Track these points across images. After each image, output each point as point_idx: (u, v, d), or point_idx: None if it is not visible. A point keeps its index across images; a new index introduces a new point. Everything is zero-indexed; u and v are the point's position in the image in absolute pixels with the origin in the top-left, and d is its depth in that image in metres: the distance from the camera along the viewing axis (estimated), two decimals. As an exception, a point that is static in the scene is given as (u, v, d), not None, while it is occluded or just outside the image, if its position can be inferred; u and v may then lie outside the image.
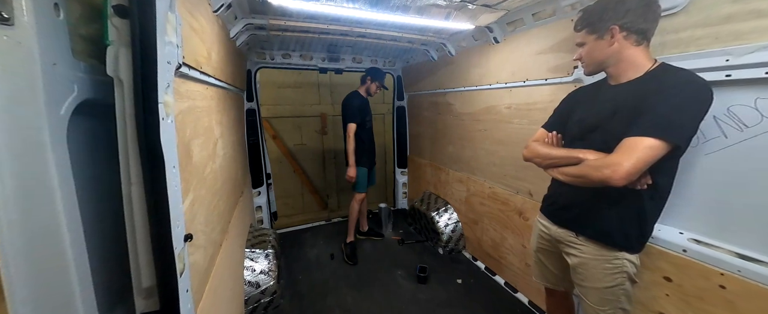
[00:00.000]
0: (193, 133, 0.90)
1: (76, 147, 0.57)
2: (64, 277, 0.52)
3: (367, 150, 2.39)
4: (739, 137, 0.90)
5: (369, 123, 2.37)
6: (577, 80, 1.32)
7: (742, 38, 0.85)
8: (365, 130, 2.35)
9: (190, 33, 0.84)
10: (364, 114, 2.28)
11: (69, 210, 0.52)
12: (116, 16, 0.53)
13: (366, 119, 2.31)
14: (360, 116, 2.24)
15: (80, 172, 0.58)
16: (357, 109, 2.23)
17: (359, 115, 2.24)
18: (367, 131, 2.39)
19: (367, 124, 2.34)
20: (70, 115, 0.53)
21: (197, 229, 0.87)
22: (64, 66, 0.52)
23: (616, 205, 0.92)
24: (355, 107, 2.23)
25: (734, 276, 0.89)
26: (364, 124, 2.30)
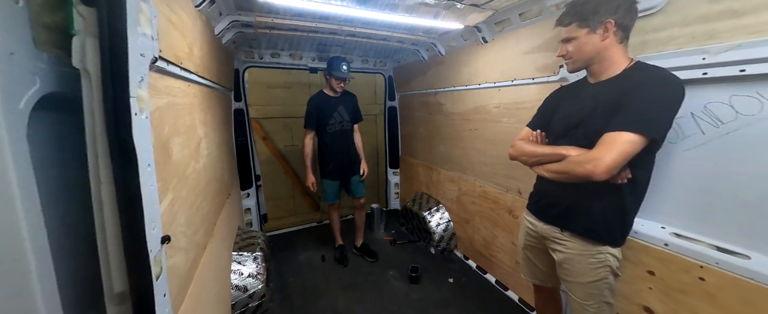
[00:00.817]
0: (173, 131, 0.87)
1: (40, 144, 0.54)
2: (25, 284, 0.49)
3: (333, 158, 2.05)
4: (715, 133, 0.93)
5: (335, 126, 2.03)
6: (563, 79, 1.35)
7: (717, 37, 0.88)
8: (328, 134, 2.03)
9: (169, 26, 0.81)
10: (324, 116, 1.99)
11: (30, 213, 0.49)
12: (82, 4, 0.50)
13: (328, 122, 2.01)
14: (316, 120, 1.99)
15: (44, 171, 0.54)
16: (310, 112, 1.98)
17: (314, 118, 1.98)
18: (332, 136, 2.03)
19: (329, 127, 2.02)
20: (32, 110, 0.50)
21: (177, 231, 0.84)
22: (23, 56, 0.48)
23: (599, 200, 0.94)
24: (308, 110, 1.98)
25: (713, 269, 0.92)
26: (324, 128, 2.02)
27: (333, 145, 2.06)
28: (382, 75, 3.08)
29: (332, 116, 2.01)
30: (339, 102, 2.04)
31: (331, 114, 2.01)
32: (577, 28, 0.90)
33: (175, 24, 0.87)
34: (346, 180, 2.17)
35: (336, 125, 2.04)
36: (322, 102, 2.00)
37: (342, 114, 2.05)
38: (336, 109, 2.03)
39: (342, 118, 2.05)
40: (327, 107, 2.00)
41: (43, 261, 0.51)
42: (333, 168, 2.08)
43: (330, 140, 2.05)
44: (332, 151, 2.07)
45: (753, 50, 0.80)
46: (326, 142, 2.05)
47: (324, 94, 2.04)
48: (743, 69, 0.83)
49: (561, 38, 0.97)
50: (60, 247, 0.56)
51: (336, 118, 2.03)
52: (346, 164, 2.14)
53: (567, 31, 0.94)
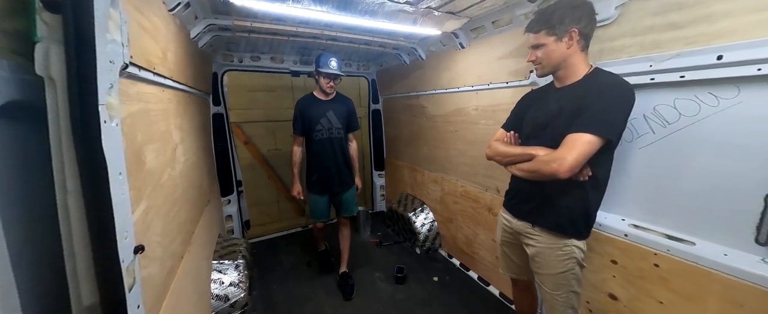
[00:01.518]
0: (147, 138, 0.85)
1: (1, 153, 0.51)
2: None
3: (317, 169, 1.82)
4: (663, 133, 1.04)
5: (322, 133, 1.78)
6: (533, 83, 1.43)
7: (662, 47, 0.98)
8: (314, 142, 1.79)
9: (140, 32, 0.79)
10: (310, 121, 1.77)
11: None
12: (46, 10, 0.49)
13: (315, 128, 1.77)
14: (302, 125, 1.78)
15: (5, 182, 0.52)
16: (296, 116, 1.79)
17: (300, 123, 1.78)
18: (318, 144, 1.79)
19: (315, 134, 1.77)
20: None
21: (152, 240, 0.82)
22: (-20, 63, 0.47)
23: (564, 197, 1.01)
24: (294, 114, 1.79)
25: (665, 256, 1.02)
26: (310, 135, 1.79)
27: (318, 154, 1.83)
28: (365, 78, 3.11)
29: (319, 122, 1.78)
30: (329, 106, 1.81)
31: (318, 119, 1.78)
32: (546, 36, 0.96)
33: (147, 29, 0.85)
34: (335, 196, 1.91)
35: (323, 132, 1.79)
36: (308, 105, 1.79)
37: (331, 120, 1.80)
38: (324, 114, 1.79)
39: (330, 125, 1.80)
40: (314, 111, 1.78)
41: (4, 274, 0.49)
42: (317, 181, 1.84)
43: (315, 148, 1.82)
44: (317, 161, 1.84)
45: (690, 59, 0.91)
46: (311, 150, 1.84)
47: (312, 97, 1.84)
48: (683, 75, 0.94)
49: (530, 44, 1.03)
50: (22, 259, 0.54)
51: (323, 124, 1.79)
52: (333, 177, 1.85)
53: (536, 37, 0.99)
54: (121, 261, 0.60)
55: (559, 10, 0.93)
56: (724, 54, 0.84)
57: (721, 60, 0.84)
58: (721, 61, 0.84)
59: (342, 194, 1.90)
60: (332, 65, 1.69)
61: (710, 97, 0.91)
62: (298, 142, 1.86)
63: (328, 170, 1.83)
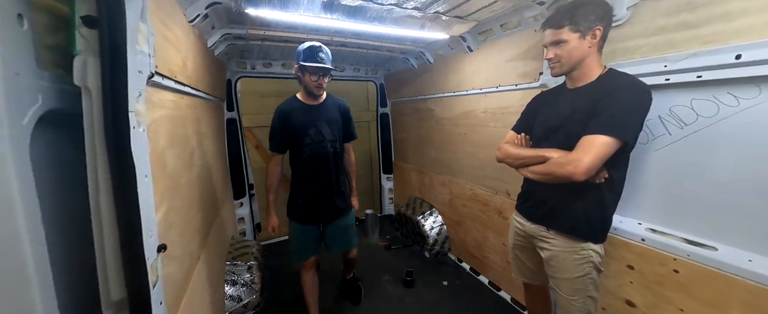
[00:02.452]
0: (168, 143, 0.89)
1: (39, 157, 0.56)
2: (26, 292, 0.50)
3: (305, 192, 1.38)
4: (680, 134, 1.01)
5: (312, 148, 1.35)
6: (543, 85, 1.42)
7: (676, 47, 0.96)
8: (301, 159, 1.35)
9: (164, 43, 0.84)
10: (295, 133, 1.33)
11: (30, 223, 0.51)
12: (84, 26, 0.53)
13: (302, 142, 1.33)
14: (283, 139, 1.34)
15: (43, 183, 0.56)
16: (274, 128, 1.35)
17: (280, 137, 1.34)
18: (307, 162, 1.35)
19: (303, 150, 1.34)
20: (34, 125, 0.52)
21: (172, 241, 0.85)
22: (27, 76, 0.51)
23: (580, 199, 0.99)
24: (272, 126, 1.36)
25: (685, 261, 0.98)
26: (296, 151, 1.37)
27: (307, 174, 1.37)
28: (373, 82, 3.15)
29: (307, 133, 1.33)
30: (319, 113, 1.36)
31: (306, 130, 1.33)
32: (569, 32, 0.91)
33: (170, 40, 0.90)
34: (326, 226, 1.46)
35: (313, 146, 1.34)
36: (291, 112, 1.32)
37: (322, 130, 1.35)
38: (313, 123, 1.34)
39: (322, 137, 1.35)
40: (299, 120, 1.32)
41: (43, 270, 0.53)
42: (304, 206, 1.38)
43: (303, 168, 1.36)
44: (304, 185, 1.38)
45: (707, 58, 0.89)
46: (297, 170, 1.38)
47: (296, 102, 1.36)
48: (700, 75, 0.92)
49: (549, 41, 0.96)
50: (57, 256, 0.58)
51: (313, 136, 1.33)
52: (326, 204, 1.41)
53: (557, 33, 0.93)
54: (146, 259, 0.63)
55: (584, 6, 0.90)
56: (743, 53, 0.81)
57: (739, 59, 0.82)
58: (739, 61, 0.82)
59: (336, 223, 1.44)
60: (320, 56, 1.26)
61: (730, 97, 0.89)
62: (276, 160, 1.39)
63: (319, 196, 1.39)
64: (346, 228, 1.50)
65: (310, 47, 1.29)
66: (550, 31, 0.96)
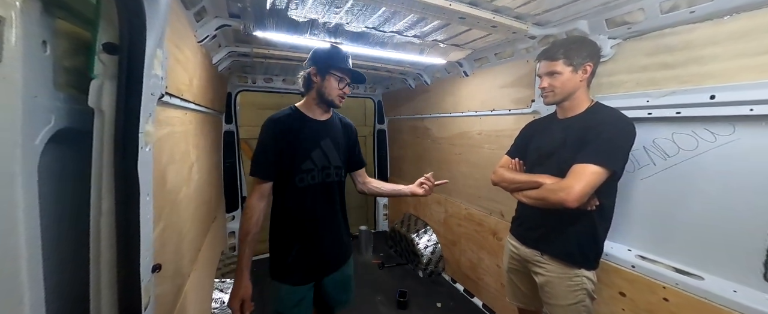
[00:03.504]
0: (170, 159, 0.90)
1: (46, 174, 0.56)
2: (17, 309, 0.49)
3: (301, 238, 1.00)
4: (664, 165, 1.07)
5: (314, 175, 1.00)
6: (535, 112, 1.49)
7: (657, 84, 1.04)
8: (298, 190, 0.98)
9: (175, 64, 0.87)
10: (294, 153, 0.97)
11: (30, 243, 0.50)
12: (105, 52, 0.56)
13: (301, 167, 0.97)
14: (278, 161, 0.95)
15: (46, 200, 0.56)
16: (266, 143, 0.96)
17: (274, 157, 0.95)
18: (306, 194, 0.99)
19: (300, 178, 0.98)
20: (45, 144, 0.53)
21: (166, 259, 0.84)
22: (44, 97, 0.52)
23: (573, 225, 1.02)
24: (262, 140, 0.97)
25: (674, 289, 1.00)
26: (291, 178, 0.97)
27: (304, 212, 1.00)
28: (371, 99, 3.23)
29: (310, 156, 0.99)
30: (326, 131, 1.04)
31: (309, 152, 0.99)
32: (564, 65, 0.99)
33: (180, 61, 0.93)
34: (325, 278, 1.07)
35: (315, 174, 0.99)
36: (292, 126, 0.97)
37: (329, 153, 1.03)
38: (319, 143, 1.01)
39: (327, 162, 1.02)
40: (302, 138, 0.98)
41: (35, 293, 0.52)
42: (299, 259, 1.00)
43: (299, 203, 0.99)
44: (301, 226, 1.00)
45: (684, 96, 0.96)
46: (289, 207, 0.99)
47: (298, 114, 1.02)
48: (679, 111, 0.99)
49: (544, 71, 1.02)
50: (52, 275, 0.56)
51: (316, 161, 1.00)
52: (329, 248, 1.05)
53: (552, 65, 1.00)
54: (141, 280, 0.62)
55: (577, 43, 1.00)
56: (717, 94, 0.89)
57: (714, 99, 0.89)
58: (714, 101, 0.89)
59: (335, 274, 1.08)
60: (351, 63, 1.03)
61: (707, 133, 0.95)
62: (260, 191, 0.95)
63: (320, 241, 1.03)
64: (347, 280, 1.12)
65: (338, 49, 1.04)
66: (545, 63, 1.04)
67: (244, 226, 0.96)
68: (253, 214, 0.96)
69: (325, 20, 1.29)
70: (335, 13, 1.20)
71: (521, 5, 1.10)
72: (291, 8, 1.16)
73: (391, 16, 1.24)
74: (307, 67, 1.04)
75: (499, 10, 1.15)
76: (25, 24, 0.46)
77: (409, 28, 1.39)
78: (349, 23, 1.32)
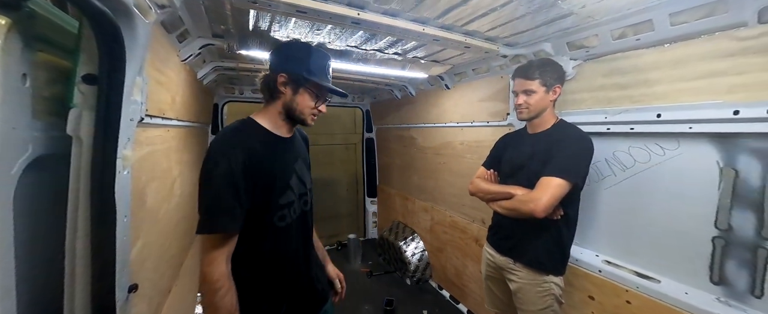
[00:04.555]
0: (150, 178, 0.91)
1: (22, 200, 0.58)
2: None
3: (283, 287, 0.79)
4: (623, 176, 1.15)
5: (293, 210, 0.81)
6: (510, 124, 1.57)
7: (613, 102, 1.13)
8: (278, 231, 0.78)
9: (156, 87, 0.90)
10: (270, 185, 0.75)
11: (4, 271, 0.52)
12: (84, 83, 0.59)
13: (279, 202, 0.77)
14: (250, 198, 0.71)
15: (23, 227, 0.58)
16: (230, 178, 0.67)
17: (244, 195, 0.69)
18: (286, 235, 0.80)
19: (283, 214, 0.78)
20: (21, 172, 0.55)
21: (144, 277, 0.85)
22: (22, 128, 0.55)
23: (542, 234, 1.09)
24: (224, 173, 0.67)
25: (635, 293, 1.07)
26: (268, 220, 0.76)
27: (290, 254, 0.83)
28: (360, 108, 3.29)
29: (289, 185, 0.81)
30: (296, 149, 0.87)
31: (288, 178, 0.81)
32: (539, 85, 1.07)
33: (162, 83, 0.96)
34: None
35: (294, 207, 0.82)
36: (262, 151, 0.75)
37: (303, 177, 0.87)
38: (292, 166, 0.84)
39: (304, 187, 0.87)
40: (277, 163, 0.79)
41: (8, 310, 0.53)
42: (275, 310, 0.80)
43: (284, 245, 0.81)
44: (290, 274, 0.82)
45: (636, 114, 1.05)
46: (271, 251, 0.79)
47: (264, 132, 0.80)
48: (632, 127, 1.08)
49: (520, 89, 1.10)
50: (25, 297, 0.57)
51: (295, 189, 0.83)
52: (309, 291, 0.89)
53: (529, 84, 1.07)
54: (117, 301, 0.64)
55: (550, 66, 1.09)
56: (662, 113, 0.98)
57: (660, 117, 0.98)
58: (660, 119, 0.98)
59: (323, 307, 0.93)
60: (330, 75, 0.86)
61: (657, 147, 1.04)
62: (228, 253, 0.70)
63: (310, 287, 0.89)
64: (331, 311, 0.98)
65: (319, 53, 0.82)
66: (520, 80, 1.11)
67: (221, 310, 0.66)
68: (226, 288, 0.67)
69: (308, 39, 1.34)
70: (317, 34, 1.26)
71: (490, 29, 1.18)
72: (274, 29, 1.21)
73: (371, 36, 1.30)
74: (274, 69, 0.77)
75: (470, 33, 1.23)
76: (6, 62, 0.49)
77: (390, 47, 1.45)
78: (332, 42, 1.38)
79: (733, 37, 0.82)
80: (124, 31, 0.57)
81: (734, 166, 0.87)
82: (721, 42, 0.84)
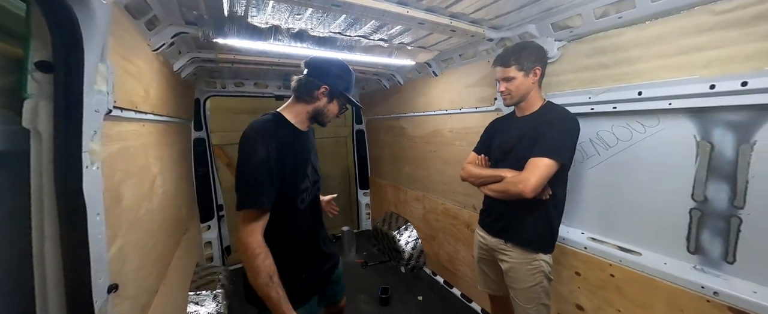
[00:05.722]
0: (125, 175, 0.87)
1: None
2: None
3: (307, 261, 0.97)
4: (607, 155, 1.18)
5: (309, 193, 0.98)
6: (498, 109, 1.58)
7: (597, 82, 1.14)
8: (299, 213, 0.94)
9: (124, 76, 0.84)
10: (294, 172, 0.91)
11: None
12: (38, 71, 0.54)
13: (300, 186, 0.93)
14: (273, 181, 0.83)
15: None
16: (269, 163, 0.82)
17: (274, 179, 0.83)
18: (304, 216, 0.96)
19: (304, 197, 0.95)
20: (-27, 171, 0.51)
21: (127, 278, 0.82)
22: (-30, 121, 0.50)
23: (530, 214, 1.11)
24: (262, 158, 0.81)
25: (618, 266, 1.12)
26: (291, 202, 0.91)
27: (308, 232, 0.99)
28: (348, 100, 3.23)
29: (306, 173, 0.96)
30: (311, 142, 1.02)
31: (305, 168, 0.95)
32: (516, 70, 1.07)
33: (131, 73, 0.90)
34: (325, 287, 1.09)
35: (310, 191, 0.98)
36: (289, 140, 0.89)
37: (316, 165, 1.03)
38: (309, 157, 0.98)
39: (317, 175, 1.03)
40: (297, 154, 0.91)
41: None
42: (308, 284, 0.98)
43: (303, 224, 0.96)
44: (305, 249, 0.97)
45: (618, 93, 1.07)
46: (294, 229, 0.93)
47: (288, 125, 0.93)
48: (615, 106, 1.09)
49: (500, 77, 1.12)
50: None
51: (311, 177, 0.98)
52: (328, 261, 1.08)
53: (506, 71, 1.08)
54: (94, 302, 0.61)
55: (526, 49, 1.08)
56: (643, 90, 1.00)
57: (641, 95, 1.00)
58: (641, 96, 1.00)
59: (333, 278, 1.12)
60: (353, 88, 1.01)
61: (638, 125, 1.06)
62: (263, 225, 0.82)
63: (322, 260, 1.05)
64: (340, 279, 1.20)
65: (353, 75, 0.99)
66: (500, 69, 1.12)
67: (262, 272, 0.79)
68: (265, 253, 0.80)
69: (289, 26, 1.29)
70: (297, 19, 1.20)
71: (475, 11, 1.16)
72: (251, 15, 1.15)
73: (353, 21, 1.26)
74: (316, 79, 0.90)
75: (455, 15, 1.21)
76: (-59, 46, 0.44)
77: (374, 32, 1.41)
78: (313, 29, 1.33)
79: (710, 11, 0.83)
80: (78, 12, 0.52)
81: (710, 140, 0.90)
82: (699, 17, 0.86)
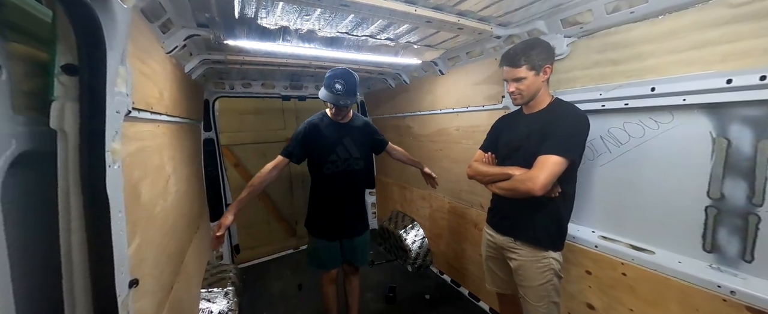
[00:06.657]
0: (142, 174, 0.89)
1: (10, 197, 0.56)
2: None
3: (328, 212, 1.46)
4: (618, 152, 1.16)
5: (337, 165, 1.41)
6: (505, 107, 1.57)
7: (607, 79, 1.13)
8: (325, 177, 1.41)
9: (141, 78, 0.86)
10: (320, 149, 1.39)
11: None
12: (64, 74, 0.56)
13: (327, 159, 1.39)
14: (304, 151, 1.39)
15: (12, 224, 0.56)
16: (297, 137, 1.40)
17: (301, 148, 1.38)
18: (331, 180, 1.42)
19: (326, 167, 1.40)
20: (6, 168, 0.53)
21: (145, 273, 0.84)
22: (2, 122, 0.52)
23: (540, 212, 1.10)
24: (295, 134, 1.41)
25: (631, 265, 1.10)
26: (319, 168, 1.41)
27: (331, 193, 1.43)
28: (354, 100, 3.25)
29: (335, 150, 1.39)
30: (347, 130, 1.43)
31: (334, 147, 1.39)
32: (527, 70, 1.04)
33: (146, 74, 0.92)
34: (346, 241, 1.51)
35: (338, 164, 1.40)
36: (320, 127, 1.39)
37: (349, 148, 1.42)
38: (341, 140, 1.41)
39: (348, 155, 1.42)
40: (328, 137, 1.39)
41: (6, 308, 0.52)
42: (327, 226, 1.45)
43: (327, 186, 1.42)
44: (329, 202, 1.43)
45: (630, 89, 1.05)
46: (320, 188, 1.44)
47: (326, 118, 1.44)
48: (627, 103, 1.08)
49: (510, 77, 1.08)
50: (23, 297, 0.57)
51: (340, 154, 1.40)
52: (348, 222, 1.48)
53: (517, 71, 1.05)
54: (118, 296, 0.63)
55: (536, 48, 1.04)
56: (656, 86, 0.98)
57: (654, 91, 0.98)
58: (654, 93, 0.99)
59: (354, 240, 1.51)
60: (337, 87, 1.32)
61: (651, 121, 1.05)
62: (276, 163, 1.35)
63: (344, 213, 1.46)
64: (363, 246, 1.57)
65: (331, 76, 1.34)
66: (508, 68, 1.09)
67: (252, 181, 1.35)
68: (262, 175, 1.34)
69: (297, 27, 1.30)
70: (306, 20, 1.22)
71: (483, 8, 1.16)
72: (260, 16, 1.17)
73: (361, 21, 1.26)
74: None
75: (462, 13, 1.21)
76: (-23, 52, 0.47)
77: (381, 32, 1.42)
78: (321, 29, 1.34)
79: (727, 4, 0.81)
80: (101, 16, 0.54)
81: (727, 136, 0.88)
82: (714, 10, 0.84)
